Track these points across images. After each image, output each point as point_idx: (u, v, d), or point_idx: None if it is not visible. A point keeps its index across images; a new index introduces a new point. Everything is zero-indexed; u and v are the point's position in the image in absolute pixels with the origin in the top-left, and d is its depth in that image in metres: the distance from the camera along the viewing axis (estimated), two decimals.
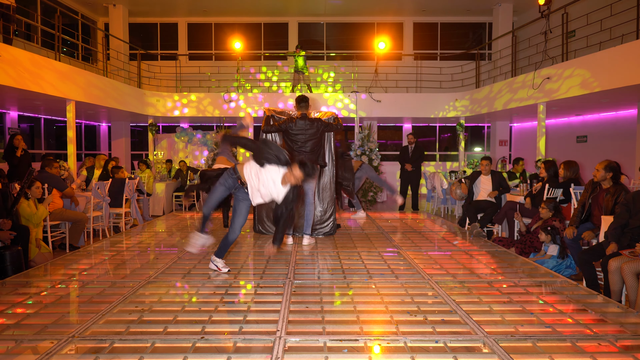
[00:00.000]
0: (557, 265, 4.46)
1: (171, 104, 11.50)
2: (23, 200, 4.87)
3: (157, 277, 3.76)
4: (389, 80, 12.67)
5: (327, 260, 4.44)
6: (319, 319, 2.84)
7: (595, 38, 8.40)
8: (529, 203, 5.68)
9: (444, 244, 5.23)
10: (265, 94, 11.69)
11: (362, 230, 6.16)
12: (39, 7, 11.27)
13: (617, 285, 3.56)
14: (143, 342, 2.49)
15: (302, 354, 2.39)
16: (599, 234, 4.28)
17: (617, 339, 2.53)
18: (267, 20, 14.17)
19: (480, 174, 6.39)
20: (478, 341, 2.53)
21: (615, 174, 4.38)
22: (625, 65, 6.81)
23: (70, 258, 4.49)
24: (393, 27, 14.18)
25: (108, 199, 6.44)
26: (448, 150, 14.06)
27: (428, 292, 3.40)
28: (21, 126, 10.84)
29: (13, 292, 3.35)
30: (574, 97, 7.93)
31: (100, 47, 11.58)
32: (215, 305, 3.07)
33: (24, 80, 6.99)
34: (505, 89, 9.77)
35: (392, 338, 2.55)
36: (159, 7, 13.18)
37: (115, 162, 7.76)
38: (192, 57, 14.26)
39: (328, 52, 14.14)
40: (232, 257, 4.54)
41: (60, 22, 8.49)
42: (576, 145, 11.23)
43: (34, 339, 2.54)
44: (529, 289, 3.46)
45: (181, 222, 7.00)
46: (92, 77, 9.08)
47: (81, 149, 12.91)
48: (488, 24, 13.96)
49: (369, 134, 9.07)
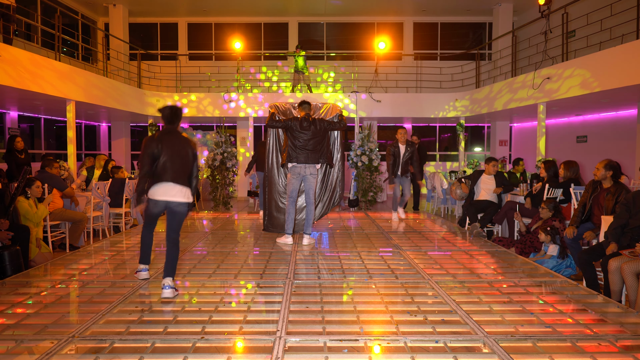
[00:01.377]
0: (557, 265, 4.45)
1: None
2: (23, 199, 4.87)
3: (157, 277, 3.76)
4: (389, 80, 12.67)
5: (327, 260, 4.44)
6: (319, 319, 2.84)
7: (595, 38, 8.40)
8: (529, 203, 5.68)
9: (444, 244, 5.23)
10: (265, 94, 11.69)
11: (362, 230, 6.16)
12: (39, 7, 11.27)
13: (617, 285, 3.56)
14: (143, 342, 2.49)
15: (302, 354, 2.39)
16: (599, 234, 4.28)
17: (617, 339, 2.53)
18: (267, 20, 14.17)
19: (482, 173, 6.38)
20: (478, 341, 2.53)
21: (615, 173, 4.39)
22: (625, 65, 6.81)
23: (70, 258, 4.49)
24: (393, 27, 14.18)
25: (108, 199, 6.44)
26: (448, 150, 14.06)
27: (428, 292, 3.40)
28: (21, 126, 10.84)
29: (13, 292, 3.35)
30: (574, 97, 7.92)
31: (100, 47, 11.58)
32: (215, 305, 3.07)
33: (24, 80, 6.99)
34: (505, 89, 9.77)
35: (392, 338, 2.55)
36: (159, 7, 13.18)
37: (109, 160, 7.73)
38: (192, 57, 14.26)
39: (328, 52, 14.14)
40: (232, 257, 4.54)
41: (60, 22, 8.49)
42: (576, 145, 11.23)
43: (34, 339, 2.54)
44: (529, 289, 3.46)
45: None
46: (92, 77, 9.07)
47: (81, 149, 12.91)
48: (488, 24, 13.96)
49: (369, 134, 9.06)
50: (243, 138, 12.57)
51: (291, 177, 5.20)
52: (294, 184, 5.20)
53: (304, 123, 5.13)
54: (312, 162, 5.14)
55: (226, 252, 4.77)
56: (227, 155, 9.00)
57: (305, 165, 5.13)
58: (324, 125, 5.22)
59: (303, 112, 5.22)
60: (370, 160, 8.94)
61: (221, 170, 9.01)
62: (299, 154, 5.11)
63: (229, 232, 5.96)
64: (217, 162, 8.90)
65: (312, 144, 5.13)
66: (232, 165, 9.27)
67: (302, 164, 5.11)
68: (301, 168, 5.13)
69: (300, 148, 5.12)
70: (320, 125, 5.19)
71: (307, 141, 5.12)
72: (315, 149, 5.17)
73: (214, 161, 8.91)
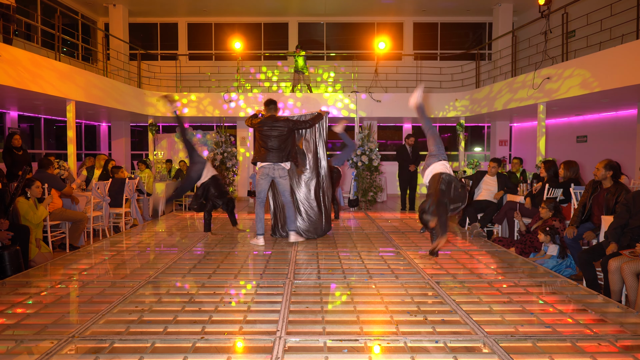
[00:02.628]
0: (557, 265, 4.45)
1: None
2: (23, 200, 4.87)
3: (157, 277, 3.76)
4: (389, 80, 12.67)
5: (327, 260, 4.44)
6: (319, 319, 2.84)
7: (595, 38, 8.40)
8: (529, 203, 5.68)
9: (444, 244, 5.21)
10: (265, 94, 11.69)
11: (362, 230, 6.16)
12: (39, 7, 11.27)
13: (617, 285, 3.56)
14: (143, 342, 2.49)
15: (302, 354, 2.39)
16: (599, 234, 4.28)
17: (617, 339, 2.53)
18: (267, 20, 14.17)
19: (485, 174, 6.41)
20: (478, 341, 2.53)
21: (615, 173, 4.39)
22: (625, 65, 6.81)
23: (70, 258, 4.49)
24: (393, 27, 14.18)
25: (108, 199, 6.44)
26: (448, 150, 14.04)
27: (428, 292, 3.40)
28: (21, 126, 10.84)
29: (13, 292, 3.35)
30: (574, 97, 7.93)
31: (100, 47, 11.58)
32: (215, 305, 3.07)
33: (24, 80, 6.99)
34: (505, 89, 9.77)
35: (392, 338, 2.55)
36: (159, 7, 13.18)
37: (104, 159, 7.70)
38: (192, 57, 14.26)
39: (328, 52, 14.13)
40: (232, 257, 4.54)
41: (60, 22, 8.49)
42: (576, 145, 11.23)
43: (34, 339, 2.53)
44: (529, 289, 3.45)
45: (181, 222, 7.00)
46: (92, 77, 9.07)
47: (81, 149, 12.91)
48: (488, 24, 13.96)
49: (369, 134, 9.06)
50: (243, 138, 12.57)
51: (259, 177, 5.23)
52: (262, 185, 5.23)
53: (268, 122, 5.16)
54: (278, 161, 5.14)
55: (226, 252, 4.77)
56: (227, 155, 9.01)
57: (272, 166, 5.14)
58: (289, 124, 5.21)
59: (269, 113, 5.25)
60: (370, 160, 8.95)
61: (221, 170, 9.01)
62: (265, 153, 5.13)
63: (229, 232, 5.96)
64: (217, 162, 8.90)
65: (277, 143, 5.13)
66: (232, 165, 9.28)
67: (269, 163, 5.14)
68: (269, 169, 5.15)
69: (265, 148, 5.15)
70: (286, 124, 5.18)
71: (272, 141, 5.12)
72: (280, 147, 5.16)
73: (214, 161, 8.92)
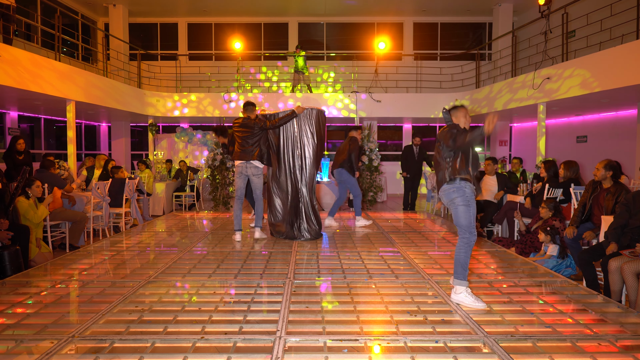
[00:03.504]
0: (557, 265, 4.45)
1: (171, 104, 11.50)
2: (24, 199, 4.87)
3: (157, 277, 3.76)
4: (389, 80, 12.67)
5: (327, 260, 4.44)
6: (319, 319, 2.84)
7: (595, 38, 8.40)
8: (529, 203, 5.68)
9: (444, 244, 5.22)
10: (265, 94, 11.69)
11: (362, 230, 6.16)
12: (39, 7, 11.27)
13: (617, 285, 3.56)
14: (143, 342, 2.49)
15: (302, 354, 2.39)
16: (599, 234, 4.28)
17: (617, 339, 2.53)
18: (267, 20, 14.17)
19: (484, 174, 6.42)
20: (478, 341, 2.53)
21: (615, 173, 4.39)
22: (625, 65, 6.80)
23: (70, 258, 4.49)
24: (393, 27, 14.18)
25: (108, 199, 6.44)
26: None
27: (428, 292, 3.40)
28: (21, 126, 10.84)
29: (13, 292, 3.35)
30: (574, 97, 7.92)
31: (100, 47, 11.58)
32: (215, 305, 3.07)
33: (24, 80, 6.99)
34: (505, 89, 9.77)
35: (392, 338, 2.55)
36: (159, 7, 13.18)
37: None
38: (192, 57, 14.26)
39: (328, 52, 14.13)
40: (232, 257, 4.55)
41: (60, 22, 8.49)
42: (576, 145, 11.22)
43: (34, 339, 2.54)
44: (529, 289, 3.46)
45: (181, 222, 7.00)
46: (92, 77, 9.07)
47: (81, 149, 12.91)
48: (488, 24, 13.96)
49: (369, 134, 9.06)
50: None
51: (235, 176, 5.55)
52: (238, 183, 5.50)
53: (242, 123, 5.44)
54: (250, 159, 5.37)
55: (226, 252, 4.78)
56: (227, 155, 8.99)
57: (245, 164, 5.40)
58: (259, 125, 5.45)
59: (246, 114, 5.49)
60: (370, 160, 8.94)
61: (221, 170, 9.01)
62: (238, 152, 5.43)
63: (229, 232, 5.96)
64: (217, 162, 8.90)
65: (250, 142, 5.40)
66: (232, 165, 9.25)
67: (242, 161, 5.41)
68: (242, 167, 5.42)
69: (239, 147, 5.43)
70: (256, 125, 5.43)
71: (245, 140, 5.40)
72: (252, 145, 5.40)
73: (214, 161, 8.92)
